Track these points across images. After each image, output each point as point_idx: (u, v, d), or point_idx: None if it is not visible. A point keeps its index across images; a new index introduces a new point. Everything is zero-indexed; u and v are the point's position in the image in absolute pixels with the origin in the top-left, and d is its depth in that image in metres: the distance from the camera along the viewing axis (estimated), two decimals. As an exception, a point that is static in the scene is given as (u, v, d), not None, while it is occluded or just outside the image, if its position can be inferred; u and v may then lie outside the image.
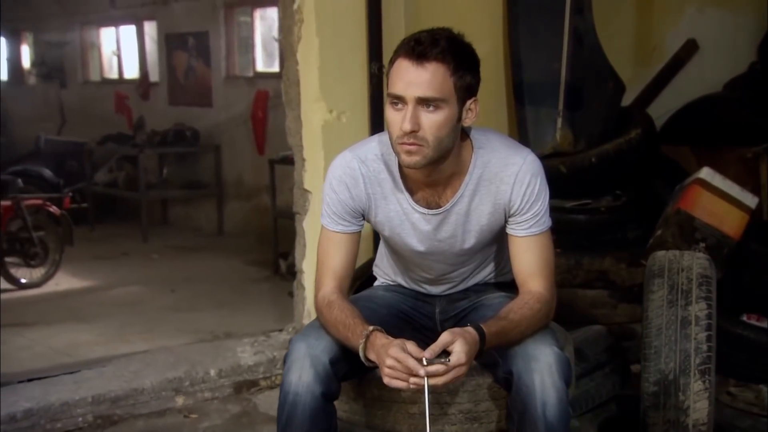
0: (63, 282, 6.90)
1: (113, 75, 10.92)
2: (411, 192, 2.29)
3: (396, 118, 2.10)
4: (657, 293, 2.71)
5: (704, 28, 4.76)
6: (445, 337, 2.01)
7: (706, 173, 3.66)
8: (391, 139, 2.16)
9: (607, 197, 4.05)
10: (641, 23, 4.93)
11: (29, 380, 3.70)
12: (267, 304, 5.61)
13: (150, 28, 9.92)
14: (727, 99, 4.38)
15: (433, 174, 2.22)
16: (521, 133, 4.10)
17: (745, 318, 3.66)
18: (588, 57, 4.10)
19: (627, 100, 4.53)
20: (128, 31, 10.43)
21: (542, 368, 2.10)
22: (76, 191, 9.12)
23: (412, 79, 2.07)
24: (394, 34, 3.60)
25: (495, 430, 2.35)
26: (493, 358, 2.22)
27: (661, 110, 4.64)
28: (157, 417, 3.52)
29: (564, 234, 3.94)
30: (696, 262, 2.76)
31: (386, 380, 2.01)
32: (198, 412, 3.57)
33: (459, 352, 1.98)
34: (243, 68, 8.81)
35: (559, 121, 4.02)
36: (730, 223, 3.61)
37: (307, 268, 3.90)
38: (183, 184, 9.25)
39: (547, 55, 4.07)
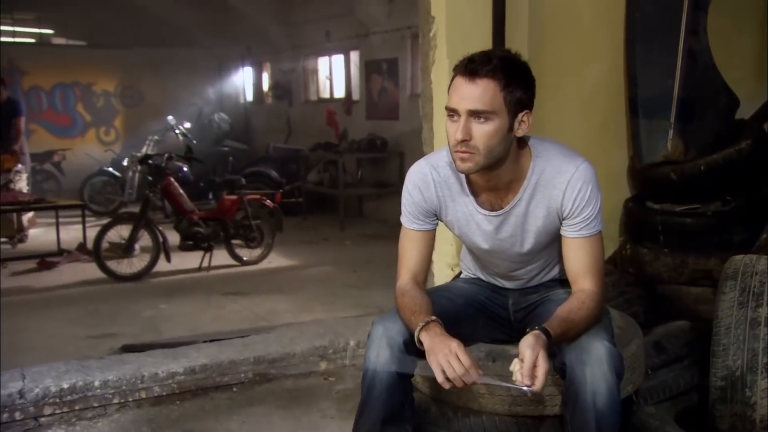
0: (274, 261, 7.18)
1: (326, 95, 11.26)
2: (475, 195, 2.15)
3: (452, 129, 1.99)
4: (728, 294, 2.38)
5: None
6: (529, 358, 1.85)
7: (811, 181, 3.24)
8: (449, 147, 2.03)
9: (717, 202, 3.65)
10: (764, 41, 4.40)
11: (211, 341, 3.82)
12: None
13: (354, 56, 10.16)
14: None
15: (492, 179, 2.08)
16: (635, 143, 3.77)
17: None
18: (701, 74, 3.71)
19: (746, 113, 4.06)
20: (338, 59, 10.72)
21: (593, 361, 1.94)
22: (294, 188, 9.49)
23: (465, 93, 1.94)
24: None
25: (558, 413, 2.16)
26: (552, 349, 2.04)
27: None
28: (303, 378, 3.53)
29: (671, 235, 3.63)
30: (771, 266, 2.40)
31: (440, 379, 1.91)
32: (335, 376, 3.56)
33: (543, 374, 1.85)
34: (425, 88, 8.77)
35: (671, 132, 3.66)
36: (834, 229, 3.17)
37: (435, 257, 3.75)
38: (374, 183, 9.40)
39: (661, 72, 3.71)
